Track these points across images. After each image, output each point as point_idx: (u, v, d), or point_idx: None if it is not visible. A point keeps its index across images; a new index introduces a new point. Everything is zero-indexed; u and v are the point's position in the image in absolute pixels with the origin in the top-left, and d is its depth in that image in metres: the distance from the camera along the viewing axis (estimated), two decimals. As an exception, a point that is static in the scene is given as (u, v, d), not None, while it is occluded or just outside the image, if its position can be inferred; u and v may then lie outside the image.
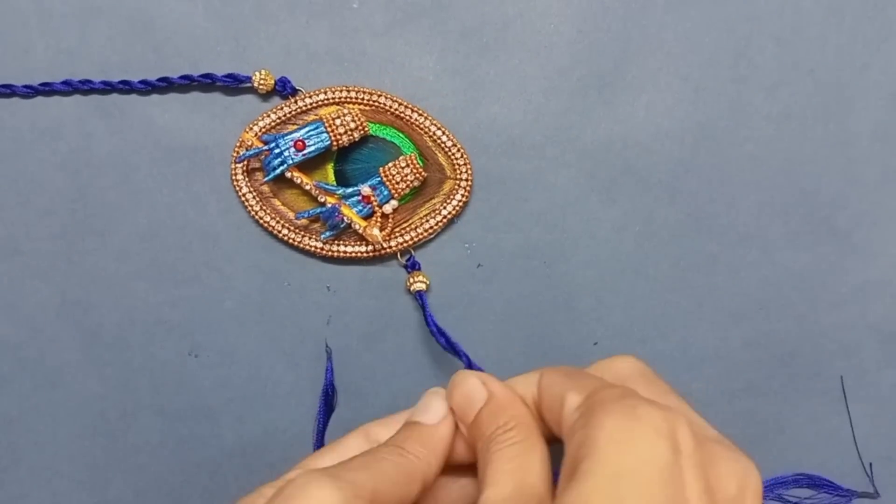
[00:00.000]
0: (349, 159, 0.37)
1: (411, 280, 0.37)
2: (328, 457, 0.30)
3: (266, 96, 0.37)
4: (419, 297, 0.36)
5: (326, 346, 0.37)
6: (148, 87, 0.36)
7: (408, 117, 0.37)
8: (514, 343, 0.37)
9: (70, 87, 0.36)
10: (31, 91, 0.36)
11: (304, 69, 0.37)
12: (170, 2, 0.36)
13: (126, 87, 0.36)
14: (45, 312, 0.38)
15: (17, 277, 0.37)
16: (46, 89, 0.36)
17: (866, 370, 0.38)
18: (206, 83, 0.36)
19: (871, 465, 0.38)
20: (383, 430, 0.31)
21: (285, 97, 0.37)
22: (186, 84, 0.36)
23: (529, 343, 0.37)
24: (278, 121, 0.37)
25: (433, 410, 0.30)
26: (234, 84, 0.36)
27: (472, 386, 0.29)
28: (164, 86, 0.36)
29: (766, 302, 0.38)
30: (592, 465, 0.22)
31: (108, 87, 0.36)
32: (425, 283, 0.37)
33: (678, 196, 0.37)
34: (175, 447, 0.38)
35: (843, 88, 0.37)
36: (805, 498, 0.38)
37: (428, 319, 0.36)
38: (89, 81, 0.36)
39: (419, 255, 0.37)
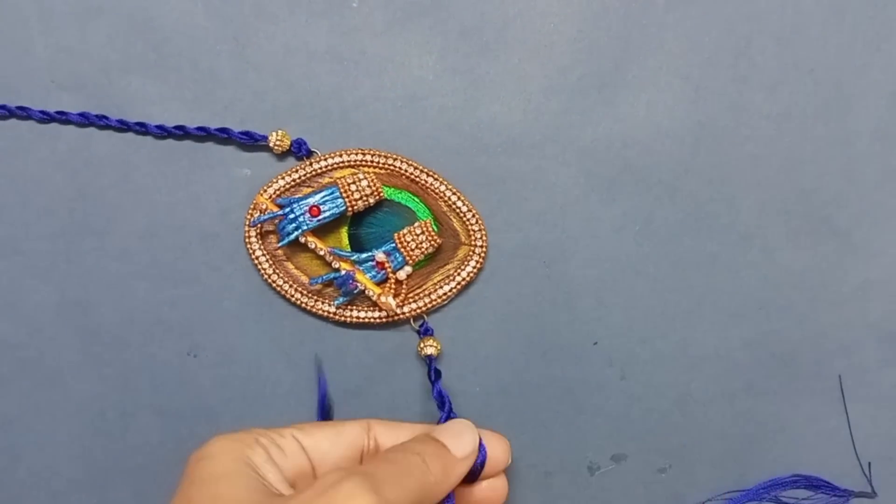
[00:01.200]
0: (364, 223, 0.37)
1: (422, 344, 0.36)
2: (326, 432, 0.31)
3: (281, 156, 0.37)
4: (428, 360, 0.36)
5: (316, 357, 0.37)
6: (164, 133, 0.36)
7: (423, 181, 0.36)
8: (514, 343, 0.37)
9: (86, 120, 0.36)
10: (46, 117, 0.36)
11: (304, 70, 0.37)
12: (170, 1, 0.36)
13: (142, 129, 0.36)
14: (44, 312, 0.38)
15: (17, 277, 0.37)
16: (62, 118, 0.36)
17: (866, 370, 0.38)
18: (222, 137, 0.36)
19: (869, 464, 0.38)
20: (385, 431, 0.32)
21: (300, 158, 0.37)
22: (203, 135, 0.36)
23: (529, 343, 0.37)
24: (293, 184, 0.37)
25: (464, 443, 0.31)
26: (250, 142, 0.36)
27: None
28: (181, 134, 0.36)
29: (766, 302, 0.38)
30: None
31: (124, 126, 0.36)
32: (436, 347, 0.36)
33: (678, 196, 0.37)
34: (174, 447, 0.38)
35: (843, 88, 0.37)
36: (803, 499, 0.38)
37: (433, 384, 0.35)
38: (105, 117, 0.36)
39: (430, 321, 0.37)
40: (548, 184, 0.37)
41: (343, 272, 0.36)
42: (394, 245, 0.36)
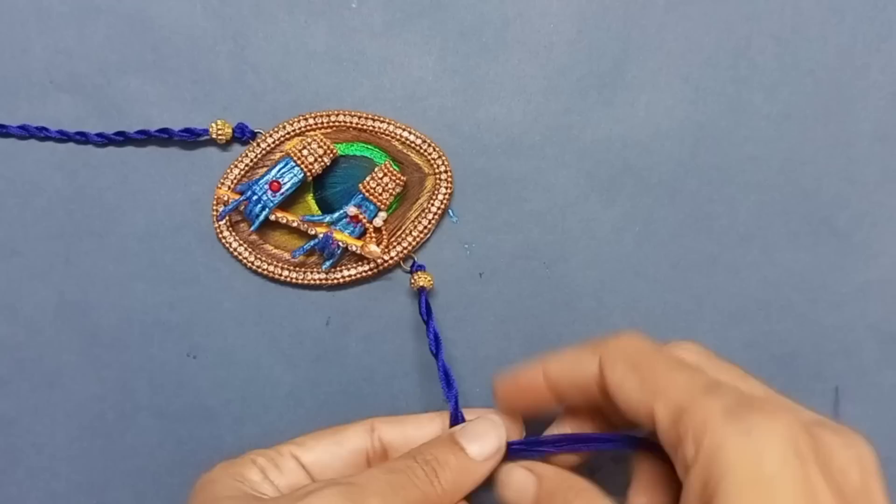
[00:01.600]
0: (327, 185, 0.37)
1: (414, 279, 0.36)
2: (325, 443, 0.30)
3: (226, 145, 0.37)
4: (420, 293, 0.36)
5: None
6: (104, 140, 0.36)
7: (370, 127, 0.36)
8: (514, 344, 0.37)
9: (27, 132, 0.36)
10: (26, 133, 0.37)
11: (303, 71, 0.37)
12: (168, 1, 0.36)
13: (83, 139, 0.36)
14: (43, 313, 0.37)
15: (16, 278, 0.37)
16: (21, 133, 0.36)
17: (866, 370, 0.38)
18: (163, 138, 0.36)
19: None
20: (390, 429, 0.31)
21: (246, 142, 0.37)
22: (143, 139, 0.36)
23: (529, 344, 0.37)
24: (247, 168, 0.37)
25: (486, 445, 0.28)
26: (191, 138, 0.36)
27: (520, 478, 0.28)
28: (121, 140, 0.36)
29: (766, 302, 0.38)
30: (729, 496, 0.21)
31: (65, 137, 0.36)
32: (429, 280, 0.36)
33: (678, 196, 0.37)
34: (174, 448, 0.38)
35: (843, 88, 0.37)
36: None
37: (423, 312, 0.35)
38: (45, 129, 0.36)
39: (418, 258, 0.37)
40: (547, 185, 0.37)
41: (321, 236, 0.36)
42: (362, 196, 0.36)
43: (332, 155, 0.36)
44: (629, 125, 0.37)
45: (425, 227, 0.37)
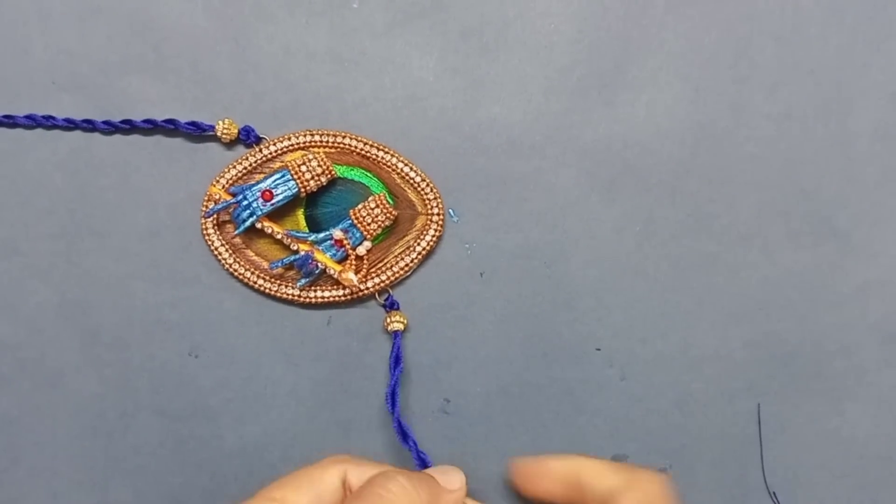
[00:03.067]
0: (319, 203, 0.37)
1: (389, 319, 0.36)
2: (305, 492, 0.31)
3: (230, 145, 0.37)
4: (394, 336, 0.36)
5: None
6: (110, 128, 0.36)
7: (374, 156, 0.36)
8: (514, 343, 0.37)
9: (34, 122, 0.36)
10: (32, 123, 0.37)
11: (304, 71, 0.37)
12: (169, 2, 0.36)
13: (89, 126, 0.36)
14: (44, 313, 0.38)
15: (17, 277, 0.37)
16: (29, 123, 0.36)
17: (866, 370, 0.38)
18: (169, 129, 0.36)
19: (774, 494, 0.38)
20: (358, 473, 0.32)
21: (249, 146, 0.37)
22: (150, 128, 0.36)
23: (529, 343, 0.37)
24: (244, 171, 0.37)
25: (452, 479, 0.33)
26: (197, 132, 0.36)
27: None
28: (128, 128, 0.36)
29: (766, 302, 0.38)
30: None
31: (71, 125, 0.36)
32: (402, 323, 0.36)
33: (678, 196, 0.37)
34: (175, 448, 0.38)
35: (843, 88, 0.37)
36: None
37: (392, 360, 0.36)
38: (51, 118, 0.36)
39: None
40: (548, 184, 0.37)
41: (302, 253, 0.36)
42: (350, 222, 0.36)
43: (329, 175, 0.36)
44: (629, 125, 0.37)
45: (407, 265, 0.37)
